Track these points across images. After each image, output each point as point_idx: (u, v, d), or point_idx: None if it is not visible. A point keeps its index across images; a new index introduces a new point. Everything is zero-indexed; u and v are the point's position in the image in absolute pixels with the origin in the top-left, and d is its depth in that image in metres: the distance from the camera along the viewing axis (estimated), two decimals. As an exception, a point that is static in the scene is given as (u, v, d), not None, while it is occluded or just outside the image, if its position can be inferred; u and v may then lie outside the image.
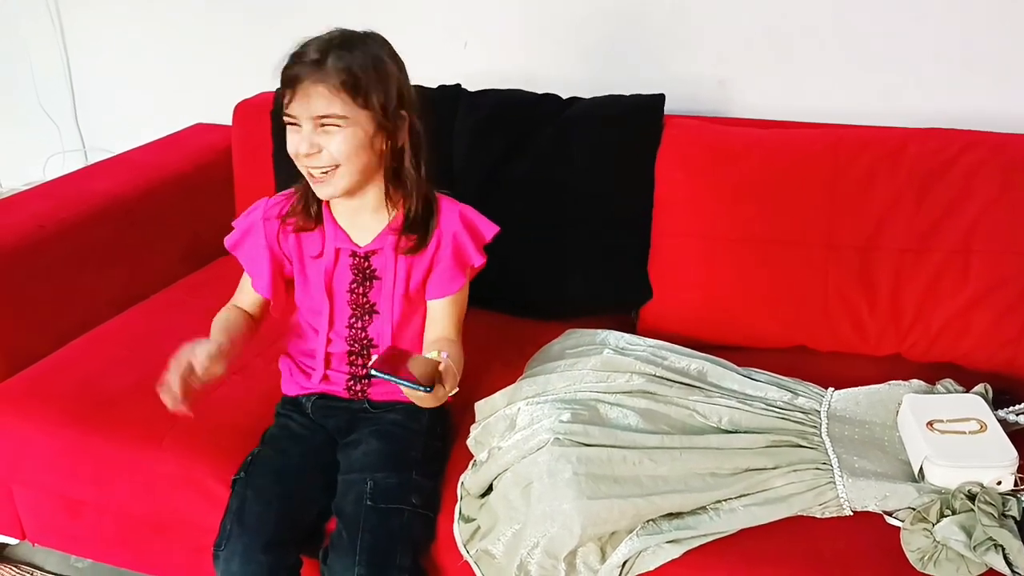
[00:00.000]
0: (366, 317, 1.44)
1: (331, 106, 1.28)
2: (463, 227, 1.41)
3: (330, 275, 1.43)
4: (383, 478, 1.34)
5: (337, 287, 1.44)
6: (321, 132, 1.30)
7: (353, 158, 1.31)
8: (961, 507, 1.19)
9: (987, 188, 1.57)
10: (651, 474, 1.26)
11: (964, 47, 1.79)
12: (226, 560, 1.30)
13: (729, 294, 1.69)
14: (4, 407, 1.61)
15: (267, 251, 1.45)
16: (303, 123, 1.30)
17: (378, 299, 1.43)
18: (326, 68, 1.28)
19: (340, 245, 1.42)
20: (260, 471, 1.40)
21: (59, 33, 2.54)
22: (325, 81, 1.28)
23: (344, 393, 1.48)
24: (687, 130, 1.76)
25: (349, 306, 1.44)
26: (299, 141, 1.30)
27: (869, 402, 1.46)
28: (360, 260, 1.42)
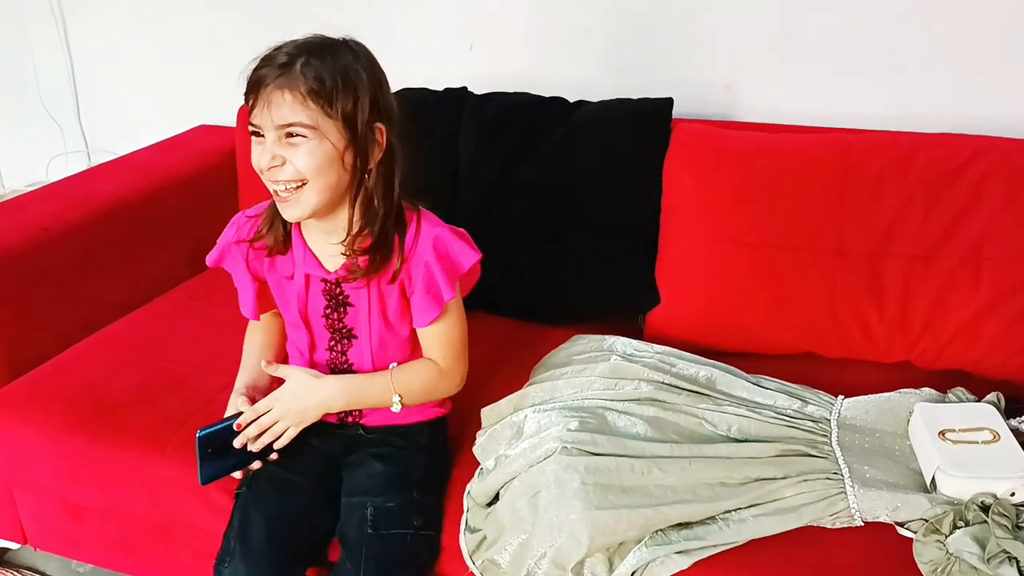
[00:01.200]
0: (345, 341, 1.38)
1: (296, 114, 1.18)
2: (435, 257, 1.29)
3: (303, 301, 1.37)
4: (383, 502, 1.31)
5: (312, 313, 1.38)
6: (286, 144, 1.19)
7: (320, 174, 1.21)
8: (974, 519, 1.18)
9: (998, 195, 1.56)
10: (660, 484, 1.25)
11: (974, 52, 1.77)
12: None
13: (737, 300, 1.67)
14: (6, 411, 1.60)
15: (246, 272, 1.39)
16: (267, 133, 1.20)
17: (355, 324, 1.37)
18: (293, 72, 1.18)
19: (310, 271, 1.34)
20: (262, 487, 1.36)
21: (63, 34, 2.53)
22: (292, 87, 1.17)
23: (334, 419, 1.42)
24: (695, 134, 1.75)
25: (327, 330, 1.39)
26: (261, 153, 1.20)
27: (879, 410, 1.44)
28: (331, 286, 1.35)
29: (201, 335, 1.76)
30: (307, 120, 1.18)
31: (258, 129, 1.21)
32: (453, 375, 1.39)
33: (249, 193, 2.12)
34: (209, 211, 2.11)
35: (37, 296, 1.71)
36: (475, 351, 1.50)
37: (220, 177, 2.14)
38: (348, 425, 1.42)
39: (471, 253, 1.31)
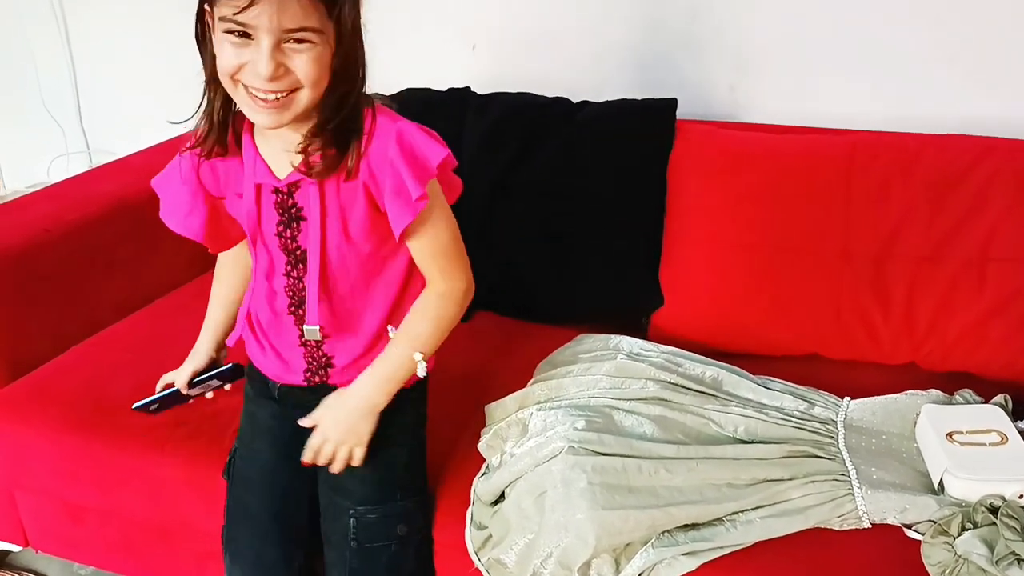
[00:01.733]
0: (300, 266, 1.22)
1: (309, 17, 1.03)
2: (399, 153, 1.12)
3: (255, 218, 1.20)
4: (365, 512, 1.26)
5: (266, 231, 1.22)
6: (285, 49, 1.05)
7: (318, 81, 1.08)
8: (983, 520, 1.17)
9: (1004, 196, 1.55)
10: (667, 484, 1.24)
11: (979, 53, 1.77)
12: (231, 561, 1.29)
13: (742, 301, 1.67)
14: (7, 412, 1.59)
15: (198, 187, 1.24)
16: (263, 36, 1.03)
17: (308, 245, 1.20)
18: None
19: (261, 180, 1.18)
20: (239, 477, 1.35)
21: (64, 35, 2.53)
22: None
23: (303, 381, 1.30)
24: (700, 135, 1.74)
25: (282, 251, 1.22)
26: (258, 60, 1.03)
27: (886, 412, 1.44)
28: (283, 197, 1.19)
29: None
30: (316, 23, 1.04)
31: (248, 30, 1.03)
32: (454, 291, 1.23)
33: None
34: (210, 212, 2.11)
35: (38, 297, 1.70)
36: (479, 350, 1.50)
37: (222, 178, 2.13)
38: (318, 388, 1.29)
39: (439, 148, 1.14)
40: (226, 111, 1.16)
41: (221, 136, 1.18)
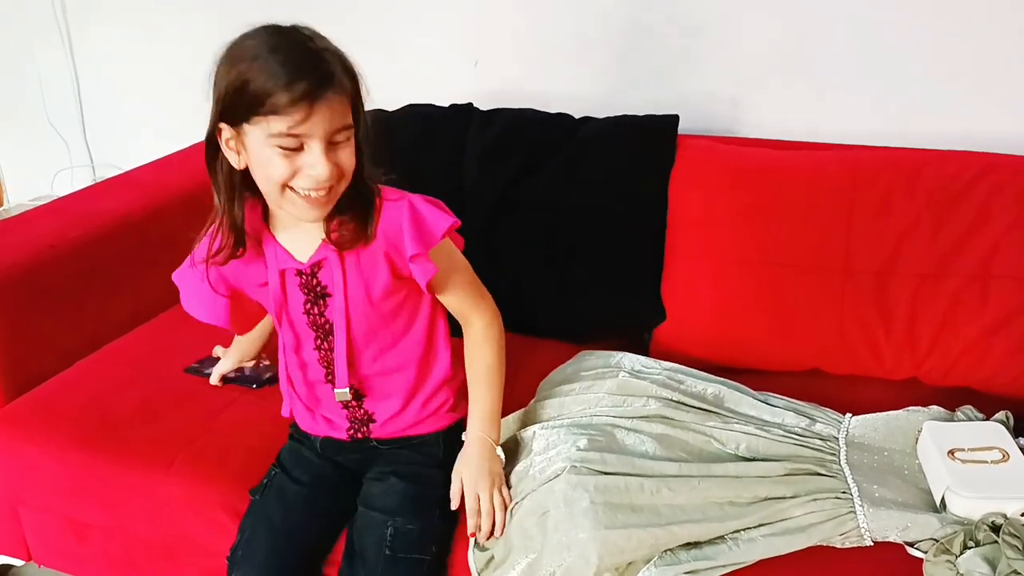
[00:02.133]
0: (330, 338, 1.33)
1: (344, 116, 1.14)
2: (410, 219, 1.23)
3: (280, 300, 1.31)
4: (404, 523, 1.29)
5: (293, 311, 1.32)
6: (334, 149, 1.15)
7: (353, 168, 1.18)
8: (985, 539, 1.17)
9: (1006, 212, 1.56)
10: (669, 503, 1.25)
11: (981, 69, 1.78)
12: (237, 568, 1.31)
13: (744, 317, 1.68)
14: (11, 429, 1.60)
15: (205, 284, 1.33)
16: (314, 143, 1.12)
17: (335, 318, 1.30)
18: (338, 77, 1.13)
19: (284, 266, 1.28)
20: (273, 497, 1.37)
21: (68, 51, 2.55)
22: (341, 91, 1.13)
23: (346, 437, 1.41)
24: (701, 151, 1.75)
25: (310, 328, 1.33)
26: (316, 164, 1.12)
27: (887, 429, 1.44)
28: (307, 278, 1.29)
29: (205, 352, 1.75)
30: (350, 119, 1.15)
31: (301, 140, 1.12)
32: (491, 317, 1.38)
33: (254, 209, 2.12)
34: (212, 228, 2.12)
35: (42, 312, 1.71)
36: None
37: (224, 194, 2.14)
38: (360, 440, 1.41)
39: (445, 216, 1.26)
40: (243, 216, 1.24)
41: (242, 239, 1.25)
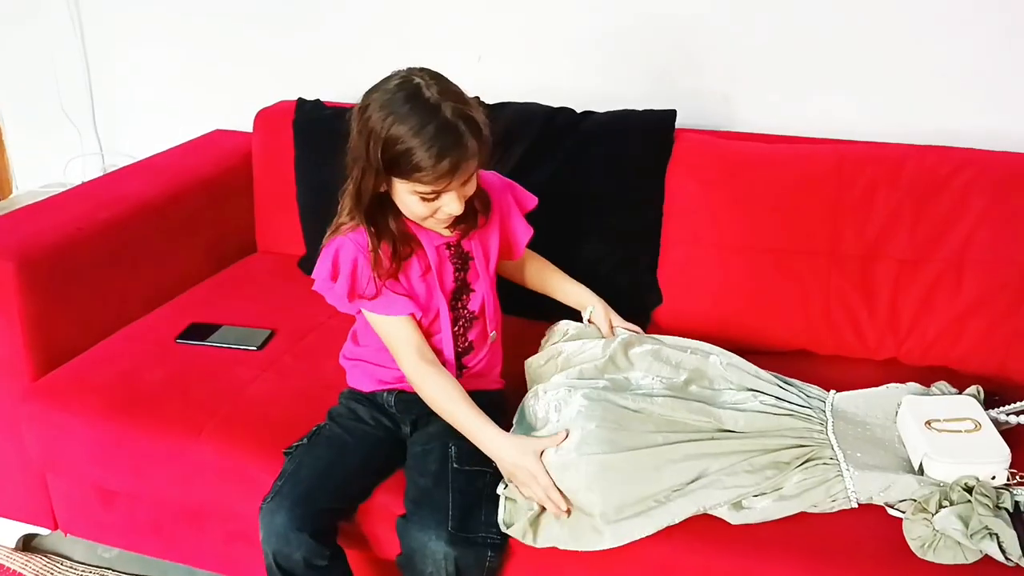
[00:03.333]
0: (464, 296, 1.53)
1: (473, 167, 1.36)
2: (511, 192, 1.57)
3: (440, 276, 1.49)
4: (464, 443, 1.41)
5: (445, 283, 1.51)
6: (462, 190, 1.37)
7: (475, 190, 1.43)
8: (959, 499, 1.27)
9: (980, 202, 1.65)
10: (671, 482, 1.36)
11: (960, 69, 1.88)
12: (271, 512, 1.37)
13: (736, 299, 1.77)
14: (46, 400, 1.68)
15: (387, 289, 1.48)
16: (453, 190, 1.36)
17: (472, 278, 1.53)
18: (473, 146, 1.33)
19: (438, 243, 1.49)
20: (321, 443, 1.48)
21: (80, 41, 2.60)
22: (477, 156, 1.35)
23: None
24: (697, 144, 1.84)
25: (450, 296, 1.51)
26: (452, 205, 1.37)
27: (869, 404, 1.54)
28: (456, 248, 1.51)
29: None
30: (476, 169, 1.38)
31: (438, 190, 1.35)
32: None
33: (265, 195, 2.21)
34: (227, 211, 2.21)
35: (70, 292, 1.78)
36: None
37: (237, 179, 2.23)
38: None
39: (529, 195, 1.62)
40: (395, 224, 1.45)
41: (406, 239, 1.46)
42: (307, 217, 2.11)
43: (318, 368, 1.70)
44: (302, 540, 1.35)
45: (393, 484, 1.46)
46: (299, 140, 2.11)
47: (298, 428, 1.52)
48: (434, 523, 1.33)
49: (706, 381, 1.55)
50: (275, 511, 1.37)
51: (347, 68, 2.32)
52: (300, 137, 2.11)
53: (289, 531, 1.35)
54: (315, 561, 1.36)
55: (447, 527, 1.32)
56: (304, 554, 1.35)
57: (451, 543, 1.31)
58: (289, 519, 1.35)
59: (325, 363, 1.69)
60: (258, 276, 2.11)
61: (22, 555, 1.92)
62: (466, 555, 1.32)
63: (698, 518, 1.34)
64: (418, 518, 1.35)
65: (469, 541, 1.32)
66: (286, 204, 2.14)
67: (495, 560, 1.35)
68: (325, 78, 2.32)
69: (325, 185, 2.02)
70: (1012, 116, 1.86)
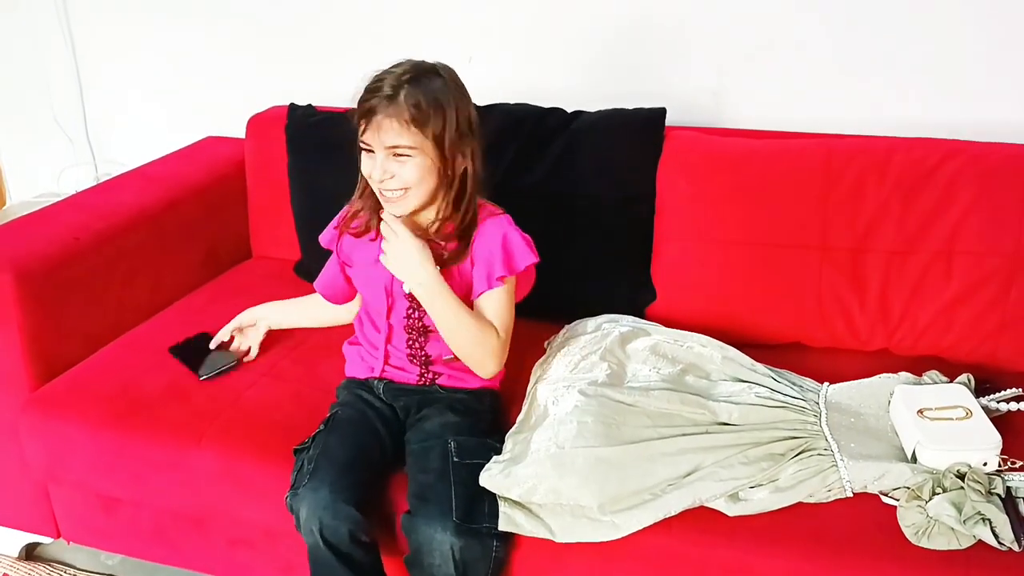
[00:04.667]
0: (422, 338, 1.58)
1: (401, 138, 1.42)
2: (500, 248, 1.52)
3: (390, 277, 1.55)
4: (463, 439, 1.46)
5: (396, 288, 1.56)
6: (394, 160, 1.43)
7: (422, 183, 1.46)
8: (951, 485, 1.30)
9: (967, 194, 1.67)
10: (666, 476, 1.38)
11: (944, 63, 1.90)
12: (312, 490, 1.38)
13: (728, 294, 1.79)
14: (46, 409, 1.69)
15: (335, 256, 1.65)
16: (377, 151, 1.44)
17: None
18: (398, 103, 1.41)
19: None
20: (343, 424, 1.51)
21: (71, 50, 2.61)
22: (397, 115, 1.41)
23: (415, 380, 1.60)
24: (687, 141, 1.86)
25: (406, 299, 1.56)
26: (373, 167, 1.45)
27: (862, 394, 1.56)
28: None
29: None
30: (409, 142, 1.42)
31: (369, 146, 1.45)
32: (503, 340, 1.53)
33: (259, 202, 2.22)
34: (222, 218, 2.22)
35: (68, 301, 1.79)
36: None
37: (231, 185, 2.23)
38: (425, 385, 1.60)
39: (530, 255, 1.54)
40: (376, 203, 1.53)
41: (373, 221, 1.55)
42: (302, 222, 2.12)
43: (316, 372, 1.72)
44: (349, 512, 1.36)
45: (394, 484, 1.47)
46: (292, 145, 2.12)
47: (298, 432, 1.53)
48: (439, 515, 1.34)
49: (702, 372, 1.58)
50: (317, 488, 1.38)
51: (338, 72, 2.30)
52: (293, 142, 2.13)
53: (336, 503, 1.36)
54: (360, 536, 1.38)
55: (452, 518, 1.34)
56: (350, 527, 1.37)
57: (457, 534, 1.33)
58: (333, 492, 1.37)
59: (323, 367, 1.71)
60: (254, 281, 2.12)
61: (25, 564, 1.92)
62: (472, 546, 1.34)
63: (695, 510, 1.36)
64: (423, 512, 1.36)
65: (474, 532, 1.34)
66: (280, 209, 2.15)
67: (500, 550, 1.37)
68: (317, 83, 2.33)
69: (319, 189, 2.05)
70: (997, 107, 1.89)
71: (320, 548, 1.37)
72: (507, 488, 1.37)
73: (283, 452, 1.51)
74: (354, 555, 1.38)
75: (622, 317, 1.75)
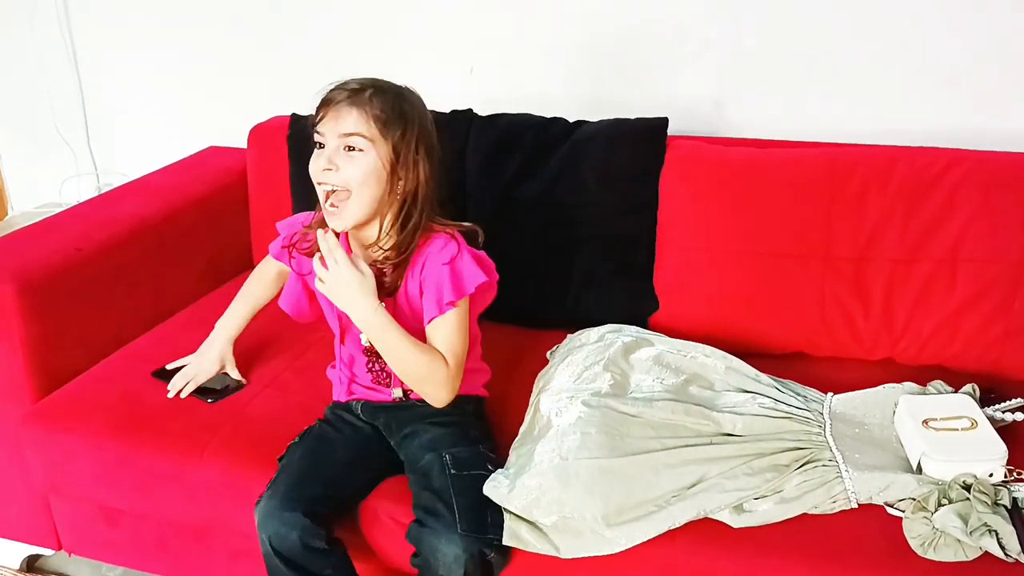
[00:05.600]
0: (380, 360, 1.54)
1: (359, 126, 1.40)
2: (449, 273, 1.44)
3: None
4: (457, 452, 1.45)
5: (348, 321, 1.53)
6: (343, 154, 1.40)
7: (364, 186, 1.41)
8: (957, 496, 1.29)
9: (970, 202, 1.67)
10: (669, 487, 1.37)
11: (946, 70, 1.90)
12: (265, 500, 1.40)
13: (732, 304, 1.79)
14: (48, 421, 1.68)
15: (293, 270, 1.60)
16: (328, 141, 1.41)
17: None
18: (362, 96, 1.41)
19: None
20: (311, 440, 1.52)
21: (73, 61, 2.61)
22: (360, 106, 1.40)
23: (389, 398, 1.58)
24: (689, 150, 1.85)
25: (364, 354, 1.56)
26: (319, 156, 1.42)
27: (866, 404, 1.56)
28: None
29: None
30: (367, 133, 1.39)
31: (322, 139, 1.41)
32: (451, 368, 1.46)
33: (261, 212, 2.21)
34: (223, 229, 2.21)
35: (69, 313, 1.79)
36: (486, 358, 1.62)
37: (232, 195, 2.23)
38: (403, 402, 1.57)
39: (479, 274, 1.46)
40: None
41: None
42: (303, 232, 2.12)
43: (318, 384, 1.70)
44: (296, 520, 1.36)
45: (396, 494, 1.47)
46: (294, 155, 2.12)
47: (301, 442, 1.53)
48: (444, 527, 1.34)
49: (706, 383, 1.57)
50: (269, 499, 1.40)
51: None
52: (295, 152, 2.12)
53: (283, 511, 1.37)
54: (312, 542, 1.37)
55: (457, 530, 1.34)
56: (300, 534, 1.36)
57: (462, 545, 1.33)
58: (282, 502, 1.38)
59: (324, 378, 1.70)
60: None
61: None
62: (476, 556, 1.34)
63: (699, 521, 1.35)
64: (429, 523, 1.36)
65: (479, 542, 1.34)
66: (282, 219, 2.14)
67: (502, 562, 1.38)
68: (318, 93, 2.32)
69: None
70: (1000, 115, 1.89)
71: (272, 558, 1.39)
72: (511, 500, 1.37)
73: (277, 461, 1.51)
74: (309, 564, 1.39)
75: (625, 327, 1.74)
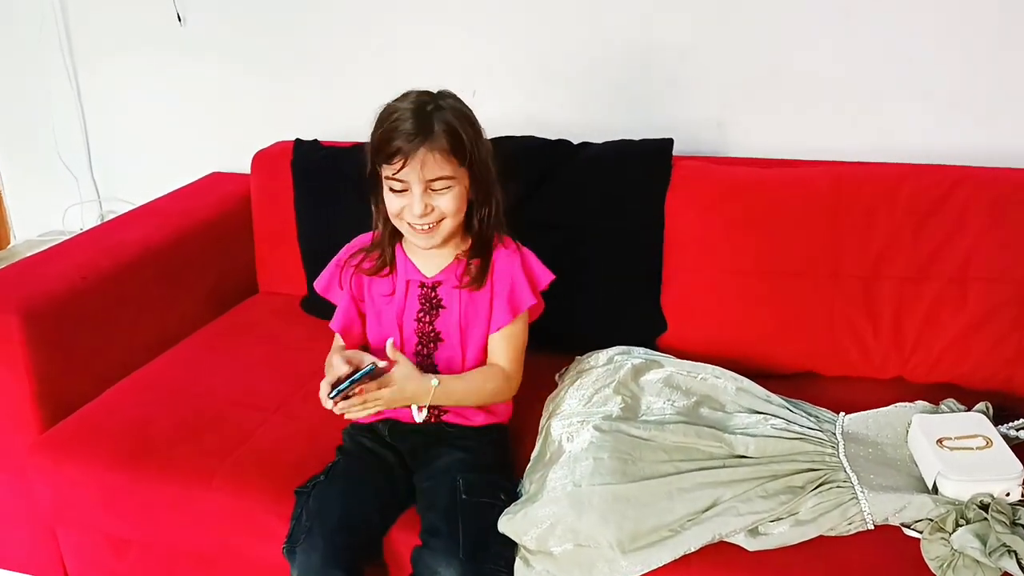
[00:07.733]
0: (431, 344, 1.56)
1: (443, 168, 1.42)
2: (522, 272, 1.54)
3: (401, 306, 1.56)
4: (472, 477, 1.45)
5: (406, 317, 1.57)
6: (431, 193, 1.44)
7: (457, 212, 1.48)
8: (975, 517, 1.28)
9: (979, 220, 1.67)
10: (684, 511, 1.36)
11: (953, 87, 1.90)
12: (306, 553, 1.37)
13: (740, 324, 1.78)
14: (52, 453, 1.67)
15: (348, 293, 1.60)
16: (414, 187, 1.43)
17: (443, 328, 1.55)
18: (435, 135, 1.41)
19: (410, 277, 1.56)
20: (340, 479, 1.49)
21: (75, 88, 2.61)
22: (436, 149, 1.41)
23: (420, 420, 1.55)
24: (695, 170, 1.86)
25: (416, 335, 1.56)
26: (413, 203, 1.43)
27: (879, 424, 1.55)
28: (427, 290, 1.56)
29: (232, 373, 1.84)
30: (449, 172, 1.43)
31: (404, 185, 1.43)
32: (514, 379, 1.56)
33: (265, 237, 2.21)
34: (228, 253, 2.21)
35: (77, 341, 1.78)
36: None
37: (236, 221, 2.23)
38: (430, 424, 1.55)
39: (548, 273, 1.58)
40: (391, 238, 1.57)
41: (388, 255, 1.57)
42: (308, 257, 2.11)
43: (326, 410, 1.69)
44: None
45: (407, 519, 1.46)
46: (298, 180, 2.12)
47: (308, 470, 1.52)
48: (445, 552, 1.34)
49: (717, 404, 1.56)
50: (310, 551, 1.37)
51: (343, 107, 2.33)
52: (299, 177, 2.12)
53: (327, 568, 1.35)
54: None
55: (458, 556, 1.33)
56: None
57: (460, 572, 1.32)
58: (324, 557, 1.36)
59: (333, 404, 1.69)
60: (261, 317, 2.11)
61: (33, 608, 1.90)
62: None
63: (715, 545, 1.34)
64: (431, 547, 1.36)
65: (480, 572, 1.33)
66: (286, 245, 2.15)
67: None
68: (322, 118, 2.33)
69: (325, 224, 2.05)
70: (1007, 133, 1.89)
71: None
72: (524, 530, 1.36)
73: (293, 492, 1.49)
74: None
75: (634, 349, 1.73)
